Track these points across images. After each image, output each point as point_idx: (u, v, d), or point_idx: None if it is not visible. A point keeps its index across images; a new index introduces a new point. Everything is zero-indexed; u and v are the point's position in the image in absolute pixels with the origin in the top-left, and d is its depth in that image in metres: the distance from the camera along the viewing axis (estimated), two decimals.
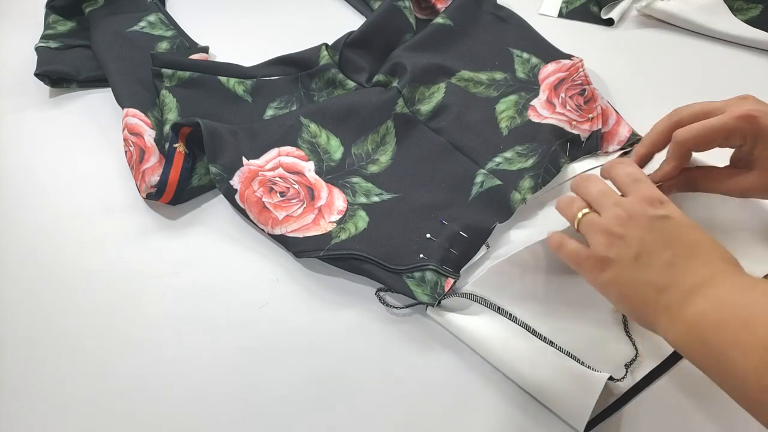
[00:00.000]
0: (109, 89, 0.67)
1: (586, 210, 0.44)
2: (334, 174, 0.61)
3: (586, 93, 0.65)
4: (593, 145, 0.62)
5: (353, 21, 0.77)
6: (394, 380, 0.51)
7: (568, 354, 0.48)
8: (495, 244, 0.57)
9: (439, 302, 0.52)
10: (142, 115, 0.63)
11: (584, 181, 0.46)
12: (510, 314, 0.50)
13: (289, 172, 0.60)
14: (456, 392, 0.50)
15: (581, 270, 0.43)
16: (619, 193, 0.45)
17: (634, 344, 0.50)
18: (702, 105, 0.49)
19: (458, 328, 0.51)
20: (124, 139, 0.62)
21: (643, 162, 0.52)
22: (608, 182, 0.47)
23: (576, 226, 0.44)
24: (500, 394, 0.50)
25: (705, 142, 0.47)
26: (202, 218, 0.61)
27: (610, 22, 0.76)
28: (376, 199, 0.59)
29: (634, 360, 0.49)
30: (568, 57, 0.68)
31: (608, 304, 0.45)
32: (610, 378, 0.47)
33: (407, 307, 0.54)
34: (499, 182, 0.59)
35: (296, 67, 0.68)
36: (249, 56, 0.69)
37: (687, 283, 0.38)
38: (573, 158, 0.62)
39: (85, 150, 0.66)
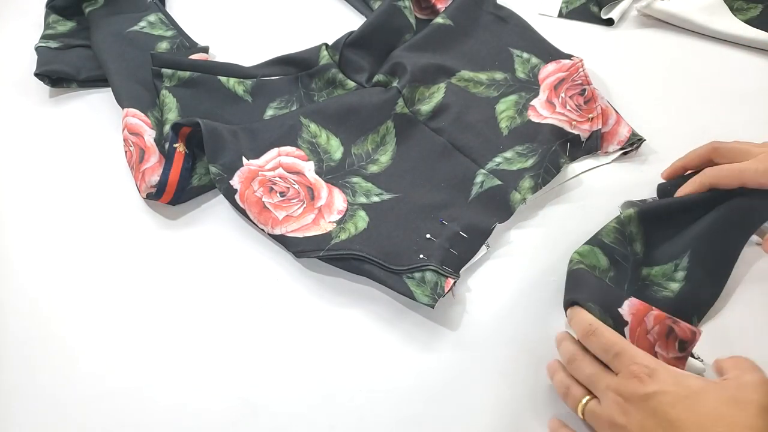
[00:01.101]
0: (109, 89, 0.67)
1: (587, 398, 0.45)
2: (334, 174, 0.61)
3: (586, 93, 0.65)
4: (593, 145, 0.63)
5: (353, 21, 0.77)
6: (395, 380, 0.51)
7: None
8: (495, 244, 0.58)
9: None
10: (142, 115, 0.63)
11: (574, 361, 0.46)
12: None
13: (289, 172, 0.60)
14: (456, 392, 0.50)
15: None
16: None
17: None
18: (740, 145, 0.54)
19: None
20: (124, 139, 0.62)
21: (672, 176, 0.59)
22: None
23: (581, 415, 0.45)
24: (501, 394, 0.50)
25: (730, 185, 0.53)
26: (202, 218, 0.61)
27: (610, 22, 0.76)
28: (376, 199, 0.59)
29: None
30: (568, 57, 0.68)
31: None
32: None
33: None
34: (499, 182, 0.59)
35: (296, 67, 0.68)
36: (249, 56, 0.69)
37: None
38: (573, 158, 0.62)
39: (85, 150, 0.66)
